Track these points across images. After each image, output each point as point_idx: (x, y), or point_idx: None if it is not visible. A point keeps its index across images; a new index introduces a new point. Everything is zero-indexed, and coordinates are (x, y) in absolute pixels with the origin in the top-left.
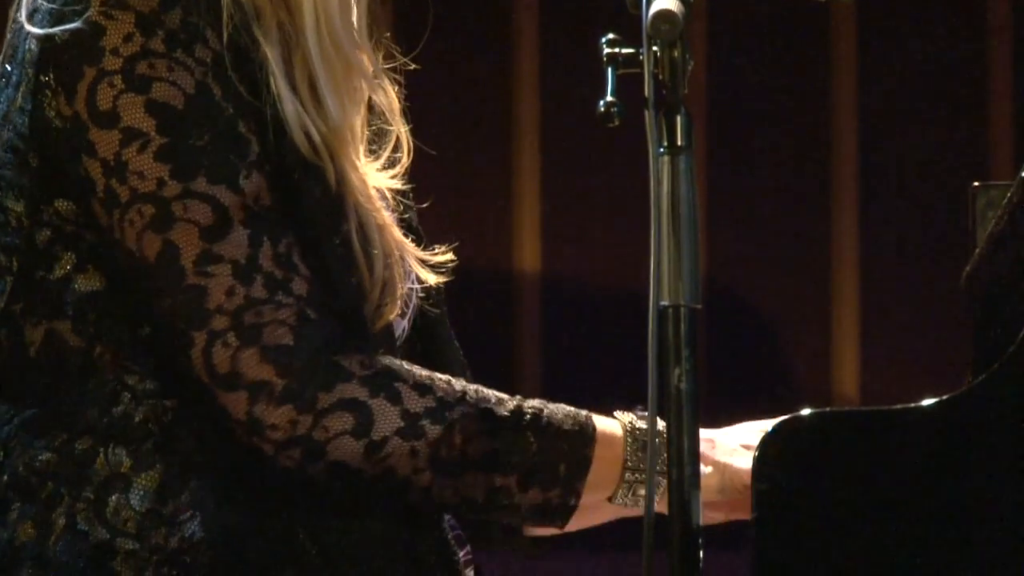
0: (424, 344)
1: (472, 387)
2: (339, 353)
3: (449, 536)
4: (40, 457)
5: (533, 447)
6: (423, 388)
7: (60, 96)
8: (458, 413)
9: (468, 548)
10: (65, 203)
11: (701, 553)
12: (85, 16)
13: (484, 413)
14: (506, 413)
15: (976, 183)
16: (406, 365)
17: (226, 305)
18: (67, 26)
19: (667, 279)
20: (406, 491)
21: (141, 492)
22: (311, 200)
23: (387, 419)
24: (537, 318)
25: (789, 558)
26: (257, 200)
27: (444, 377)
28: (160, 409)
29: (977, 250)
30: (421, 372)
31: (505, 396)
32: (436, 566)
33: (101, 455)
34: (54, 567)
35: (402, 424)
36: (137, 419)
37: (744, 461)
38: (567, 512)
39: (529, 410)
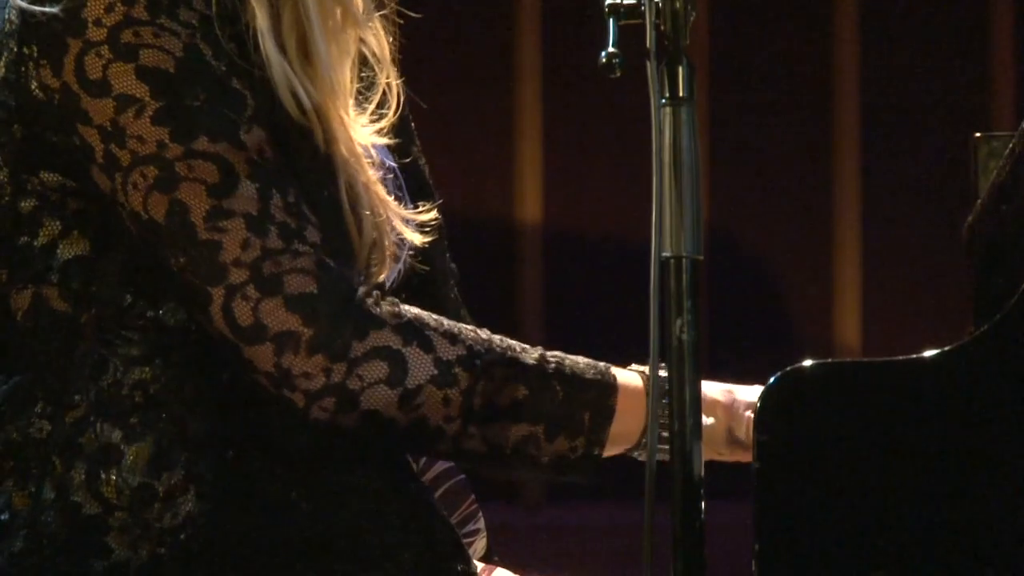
0: (424, 293)
1: (497, 336)
2: (368, 300)
3: (431, 498)
4: (33, 425)
5: (559, 395)
6: (452, 336)
7: (45, 68)
8: (487, 361)
9: (472, 497)
10: (50, 174)
11: (703, 503)
12: None
13: (511, 361)
14: (532, 361)
15: (978, 133)
16: (432, 315)
17: (243, 257)
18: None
19: (669, 230)
20: (436, 441)
21: (132, 466)
22: (302, 161)
23: (421, 367)
24: (539, 269)
25: (790, 509)
26: (260, 153)
27: (469, 326)
28: (148, 378)
29: (979, 200)
30: (447, 321)
31: (527, 346)
32: (432, 523)
33: (92, 427)
34: (47, 538)
35: (436, 372)
36: (125, 389)
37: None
38: (591, 463)
39: (552, 359)
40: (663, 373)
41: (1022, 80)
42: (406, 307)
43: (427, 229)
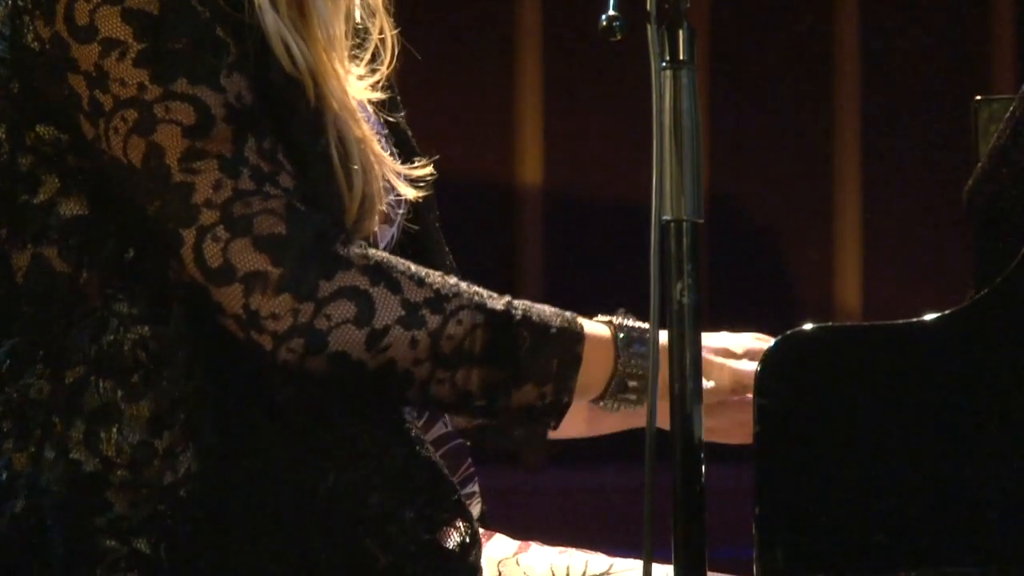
0: (416, 255)
1: (464, 282)
2: (336, 242)
3: (445, 449)
4: (33, 386)
5: (527, 342)
6: (420, 280)
7: (39, 19)
8: (455, 305)
9: (469, 461)
10: (46, 128)
11: (703, 467)
12: None
13: (479, 306)
14: (499, 307)
15: (978, 96)
16: (400, 259)
17: (214, 198)
18: None
19: (669, 193)
20: (405, 385)
21: (133, 423)
22: (292, 113)
23: (388, 308)
24: (539, 233)
25: (790, 472)
26: (239, 98)
27: (437, 272)
28: (149, 336)
29: (979, 164)
30: (415, 266)
31: (494, 294)
32: (433, 481)
33: (92, 385)
34: (48, 497)
35: (403, 313)
36: (126, 347)
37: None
38: (559, 410)
39: (519, 306)
40: (633, 323)
41: (1022, 43)
42: (374, 251)
43: (421, 184)
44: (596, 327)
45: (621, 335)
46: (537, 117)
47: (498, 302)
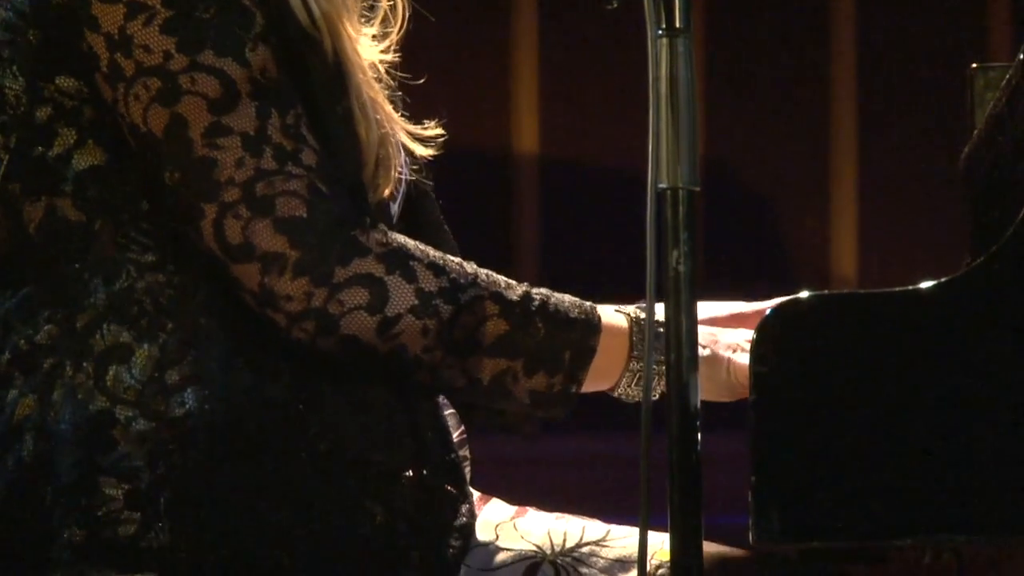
0: (414, 227)
1: (483, 271)
2: (356, 227)
3: (444, 414)
4: (41, 331)
5: (541, 333)
6: (437, 268)
7: None
8: (470, 295)
9: (463, 428)
10: (66, 79)
11: (699, 435)
12: None
13: (495, 296)
14: (516, 298)
15: (975, 64)
16: (420, 245)
17: (237, 176)
18: None
19: (665, 161)
20: (415, 370)
21: (141, 363)
22: (313, 72)
23: (402, 296)
24: (535, 201)
25: (787, 440)
26: (264, 72)
27: (456, 259)
28: (161, 282)
29: (976, 132)
30: (434, 252)
31: (513, 282)
32: (434, 442)
33: (102, 329)
34: (55, 438)
35: (416, 302)
36: (138, 293)
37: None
38: (568, 400)
39: (537, 296)
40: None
41: (1019, 11)
42: (394, 235)
43: (432, 144)
44: (614, 318)
45: (637, 328)
46: (533, 86)
47: (515, 291)
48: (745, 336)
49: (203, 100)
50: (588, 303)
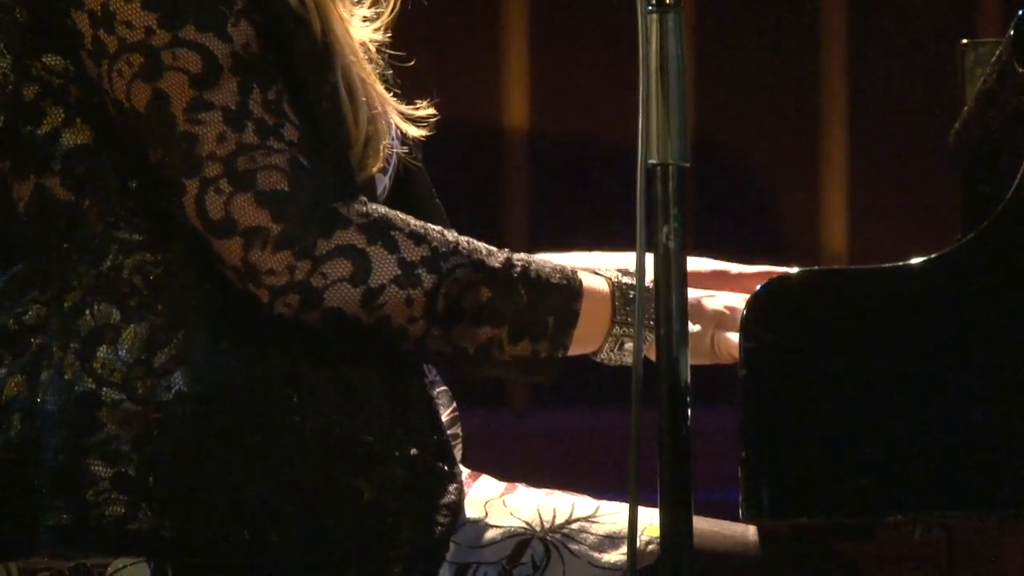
0: (405, 201)
1: (463, 238)
2: (336, 200)
3: (434, 393)
4: (29, 310)
5: (523, 299)
6: (418, 237)
7: None
8: (452, 263)
9: (454, 406)
10: (54, 57)
11: (689, 410)
12: None
13: (477, 264)
14: (497, 265)
15: (965, 40)
16: (400, 214)
17: (218, 151)
18: None
19: (655, 137)
20: (400, 340)
21: (128, 344)
22: (299, 50)
23: (384, 267)
24: (525, 175)
25: (776, 415)
26: (246, 48)
27: (437, 227)
28: (149, 262)
29: (966, 107)
30: (415, 221)
31: (494, 248)
32: (423, 422)
33: (89, 308)
34: (42, 418)
35: (399, 272)
36: (126, 272)
37: (731, 325)
38: (553, 366)
39: (518, 263)
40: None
41: None
42: (375, 206)
43: (423, 124)
44: (595, 282)
45: (619, 292)
46: (523, 60)
47: (497, 259)
48: (727, 302)
49: (185, 76)
50: (569, 267)
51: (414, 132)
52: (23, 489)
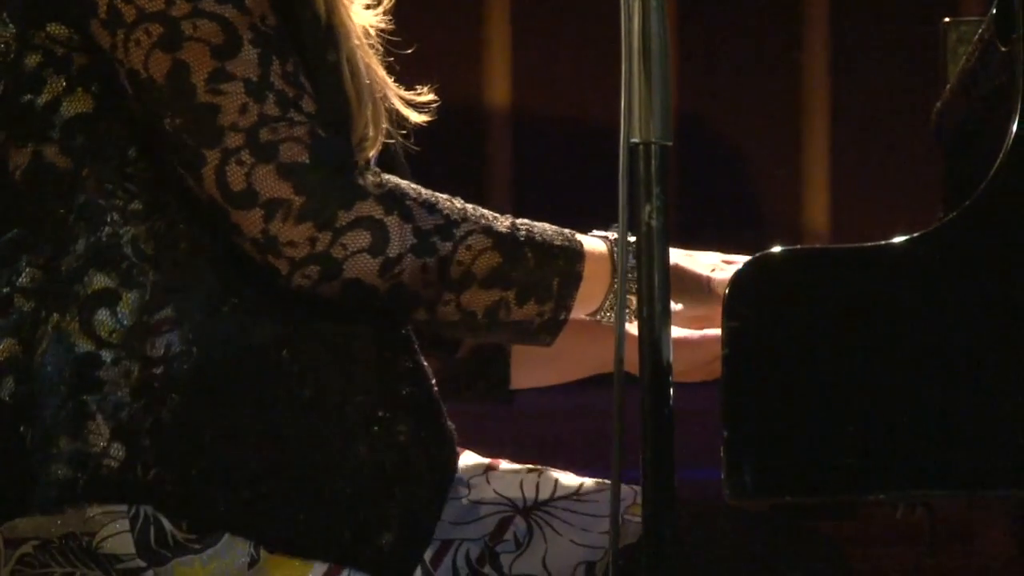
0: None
1: (469, 205)
2: (354, 171)
3: (423, 362)
4: (23, 274)
5: (531, 262)
6: (430, 206)
7: None
8: (464, 230)
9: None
10: (58, 27)
11: (671, 388)
12: None
13: (486, 230)
14: (504, 229)
15: (947, 19)
16: (410, 184)
17: (240, 122)
18: None
19: (638, 116)
20: (413, 307)
21: (127, 307)
22: (305, 29)
23: (402, 236)
24: (508, 154)
25: (758, 395)
26: (263, 19)
27: (444, 196)
28: (146, 230)
29: (948, 86)
30: (425, 191)
31: (498, 214)
32: (418, 392)
33: (86, 274)
34: (39, 379)
35: (415, 241)
36: (123, 240)
37: (726, 273)
38: (557, 327)
39: (523, 226)
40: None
41: None
42: (387, 176)
43: (425, 110)
44: (593, 243)
45: (617, 250)
46: (506, 39)
47: (502, 223)
48: (721, 257)
49: (206, 46)
50: (568, 230)
51: (415, 118)
52: (17, 449)
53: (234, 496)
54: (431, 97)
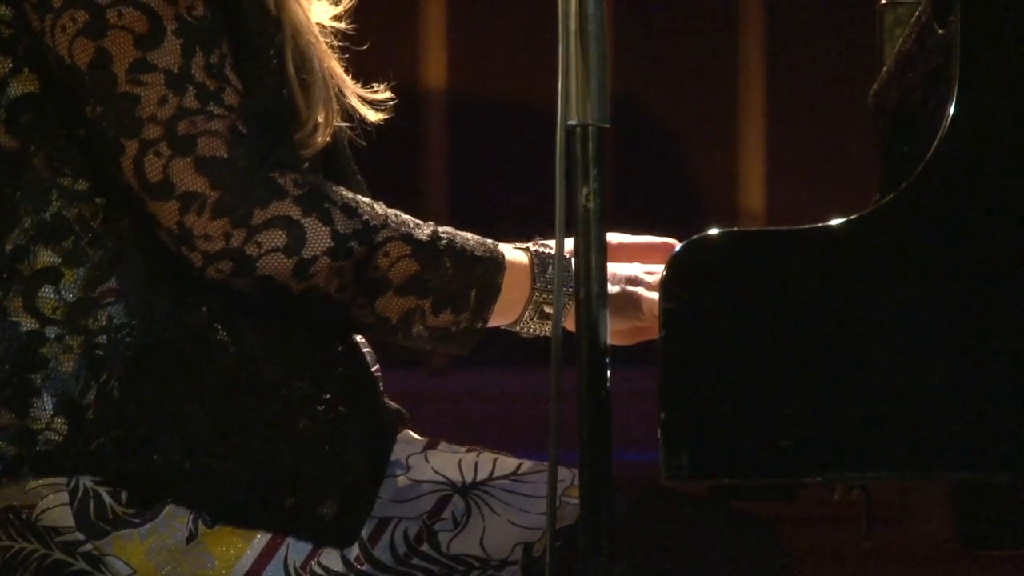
0: (329, 175)
1: (391, 211)
2: (274, 170)
3: (358, 343)
4: None
5: (449, 272)
6: (350, 210)
7: None
8: (383, 236)
9: (377, 366)
10: (4, 8)
11: (608, 371)
12: None
13: (406, 237)
14: (425, 238)
15: (884, 0)
16: (333, 186)
17: (159, 114)
18: None
19: (575, 98)
20: (326, 308)
21: (72, 283)
22: (247, 19)
23: (318, 239)
24: (443, 137)
25: (695, 376)
26: (190, 10)
27: (367, 200)
28: (92, 209)
29: (884, 68)
30: (347, 193)
31: (420, 221)
32: (354, 375)
33: (31, 252)
34: None
35: (332, 244)
36: (69, 218)
37: (651, 288)
38: (473, 336)
39: (444, 235)
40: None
41: None
42: (309, 177)
43: (382, 108)
44: (515, 254)
45: (538, 261)
46: (441, 21)
47: (424, 231)
48: (638, 270)
49: (129, 35)
50: (490, 241)
51: (372, 117)
52: None
53: (177, 465)
54: (388, 95)
